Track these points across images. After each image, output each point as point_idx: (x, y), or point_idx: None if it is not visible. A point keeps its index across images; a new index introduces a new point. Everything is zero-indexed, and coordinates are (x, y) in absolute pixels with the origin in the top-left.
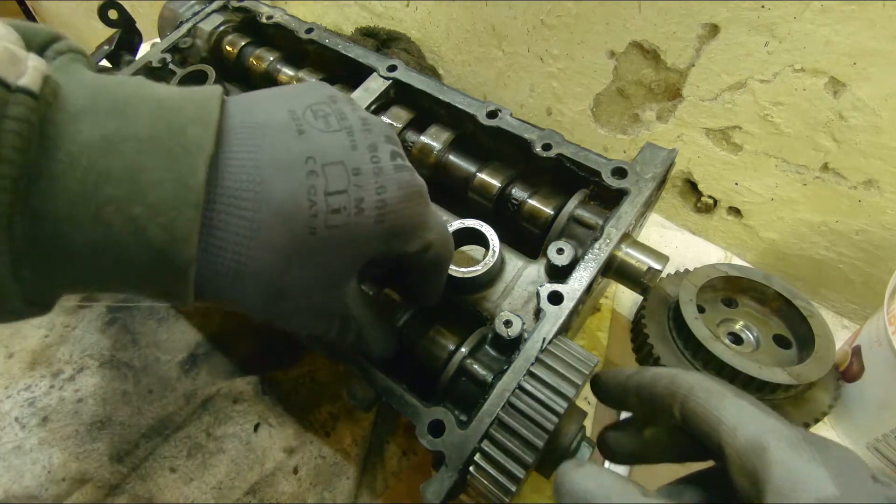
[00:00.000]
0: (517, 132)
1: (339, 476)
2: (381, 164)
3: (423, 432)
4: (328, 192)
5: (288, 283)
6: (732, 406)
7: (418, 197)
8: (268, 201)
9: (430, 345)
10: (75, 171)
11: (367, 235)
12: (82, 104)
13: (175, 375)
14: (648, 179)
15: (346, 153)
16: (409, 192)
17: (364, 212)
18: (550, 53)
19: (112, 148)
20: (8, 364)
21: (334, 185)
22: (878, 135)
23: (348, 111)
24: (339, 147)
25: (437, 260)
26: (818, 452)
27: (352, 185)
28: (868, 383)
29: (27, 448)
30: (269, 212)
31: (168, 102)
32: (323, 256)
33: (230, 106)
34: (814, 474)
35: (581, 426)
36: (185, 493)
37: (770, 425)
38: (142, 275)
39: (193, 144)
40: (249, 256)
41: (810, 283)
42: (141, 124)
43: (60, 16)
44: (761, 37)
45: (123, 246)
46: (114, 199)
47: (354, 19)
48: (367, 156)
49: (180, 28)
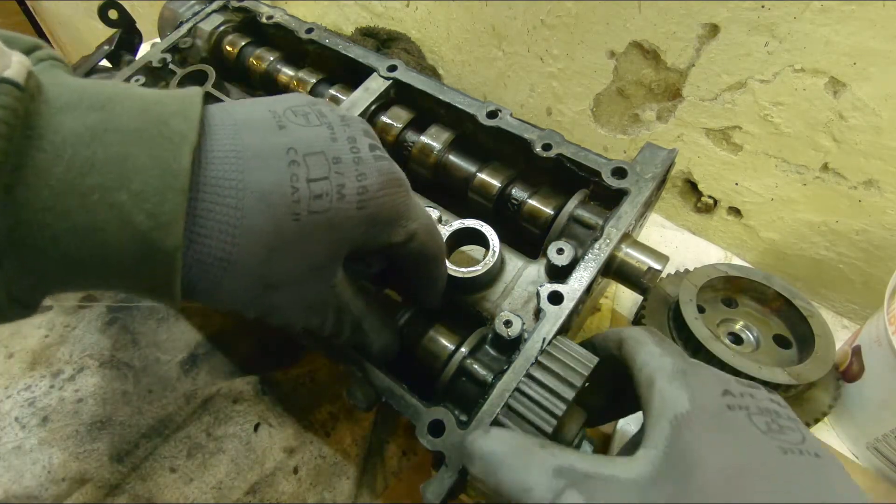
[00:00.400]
0: (517, 132)
1: (339, 476)
2: (360, 154)
3: (423, 432)
4: (310, 178)
5: (275, 272)
6: (644, 351)
7: (398, 185)
8: (251, 189)
9: (430, 345)
10: (60, 160)
11: (350, 222)
12: (66, 100)
13: (175, 375)
14: (648, 179)
15: (326, 144)
16: (389, 179)
17: (346, 198)
18: (550, 53)
19: (96, 138)
20: (8, 364)
21: (316, 173)
22: (878, 135)
23: (327, 111)
24: (320, 139)
25: (422, 251)
26: (687, 379)
27: (333, 173)
28: (868, 383)
29: (27, 448)
30: (252, 199)
31: (150, 98)
32: (308, 244)
33: (211, 107)
34: (676, 396)
35: (581, 426)
36: (185, 493)
37: (661, 364)
38: (128, 266)
39: (177, 135)
40: (235, 245)
41: (810, 283)
42: (125, 117)
43: (60, 16)
44: (761, 37)
45: (109, 233)
46: (98, 186)
47: (354, 19)
48: (346, 146)
49: (180, 28)
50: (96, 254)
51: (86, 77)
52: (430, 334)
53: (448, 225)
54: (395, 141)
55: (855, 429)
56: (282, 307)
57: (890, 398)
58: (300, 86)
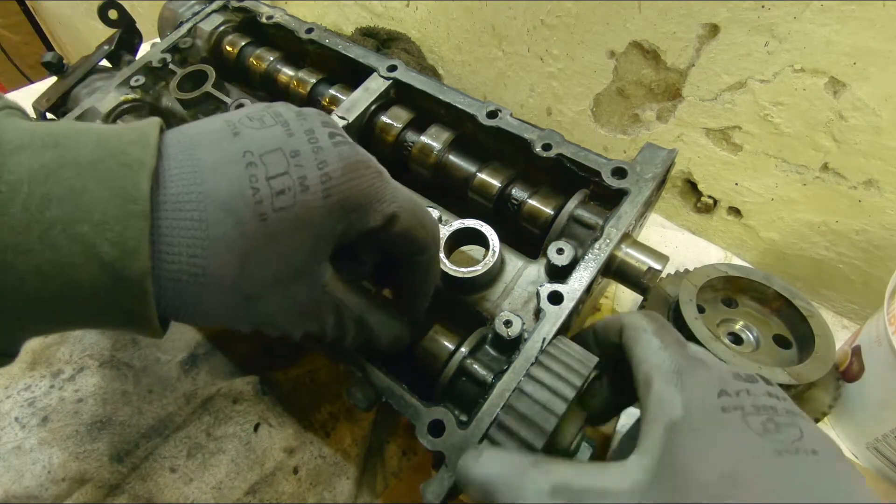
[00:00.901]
0: (517, 132)
1: (339, 476)
2: (319, 143)
3: (423, 432)
4: (269, 176)
5: (255, 279)
6: (642, 344)
7: (364, 167)
8: (212, 198)
9: (430, 345)
10: (16, 198)
11: (319, 212)
12: (19, 142)
13: (175, 375)
14: (648, 179)
15: (282, 141)
16: (352, 162)
17: (309, 189)
18: (550, 53)
19: (52, 174)
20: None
21: (275, 170)
22: (878, 135)
23: (283, 110)
24: (276, 138)
25: (408, 234)
26: (683, 380)
27: (292, 166)
28: (868, 383)
29: (27, 448)
30: (214, 207)
31: (107, 132)
32: (280, 244)
33: (168, 132)
34: (671, 400)
35: (581, 426)
36: (185, 493)
37: (658, 360)
38: (101, 300)
39: (135, 162)
40: (205, 257)
41: (810, 283)
42: (81, 151)
43: (60, 16)
44: (761, 37)
45: (76, 268)
46: (59, 220)
47: (354, 19)
48: (304, 138)
49: (180, 28)
50: (66, 291)
51: (86, 77)
52: (430, 334)
53: (448, 225)
54: (395, 141)
55: (855, 429)
56: (272, 316)
57: (890, 398)
58: (300, 86)
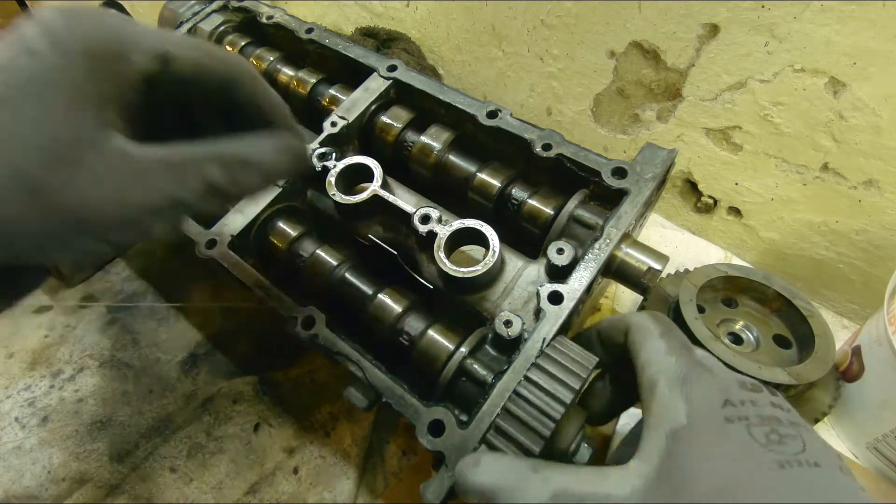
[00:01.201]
0: (517, 132)
1: (339, 476)
2: (43, 15)
3: (423, 432)
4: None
5: (15, 152)
6: (648, 346)
7: (95, 13)
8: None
9: (429, 345)
10: None
11: (57, 69)
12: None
13: (175, 375)
14: (648, 179)
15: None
16: (78, 12)
17: (34, 51)
18: (550, 53)
19: None
20: (8, 364)
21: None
22: (878, 135)
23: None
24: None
25: (200, 68)
26: (687, 388)
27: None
28: (868, 383)
29: (27, 448)
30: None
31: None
32: (25, 112)
33: None
34: (675, 408)
35: (581, 427)
36: (185, 493)
37: (664, 365)
38: None
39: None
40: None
41: (810, 283)
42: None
43: None
44: (761, 37)
45: None
46: None
47: (354, 19)
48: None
49: (180, 28)
50: None
51: None
52: (430, 334)
53: (448, 225)
54: (395, 141)
55: (855, 429)
56: (86, 200)
57: (890, 398)
58: (300, 86)
